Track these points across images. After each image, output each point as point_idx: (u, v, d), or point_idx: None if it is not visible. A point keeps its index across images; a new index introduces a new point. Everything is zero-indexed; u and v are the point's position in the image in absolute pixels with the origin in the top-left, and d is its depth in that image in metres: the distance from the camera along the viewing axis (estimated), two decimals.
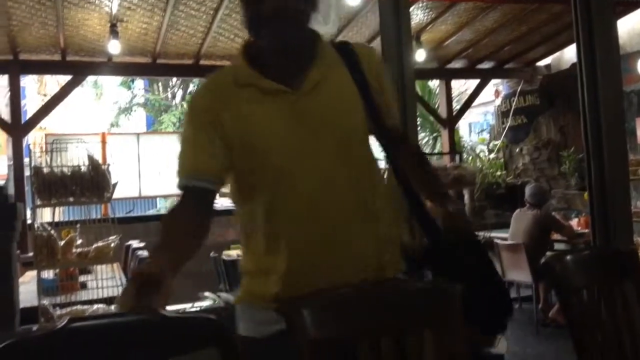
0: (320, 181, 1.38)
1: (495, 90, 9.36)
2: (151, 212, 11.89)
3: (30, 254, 3.97)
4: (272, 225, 1.39)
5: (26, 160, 6.35)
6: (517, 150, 8.87)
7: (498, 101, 9.33)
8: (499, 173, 8.72)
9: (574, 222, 6.42)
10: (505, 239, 5.73)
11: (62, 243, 3.55)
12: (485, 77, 8.52)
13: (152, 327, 1.05)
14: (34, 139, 6.77)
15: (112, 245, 3.60)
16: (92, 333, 1.04)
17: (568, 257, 1.66)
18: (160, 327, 1.08)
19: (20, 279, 3.40)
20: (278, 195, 1.38)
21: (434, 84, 9.90)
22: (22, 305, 3.32)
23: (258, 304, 1.43)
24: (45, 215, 4.20)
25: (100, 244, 3.59)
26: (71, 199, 3.26)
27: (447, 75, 8.30)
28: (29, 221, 4.83)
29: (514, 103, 8.87)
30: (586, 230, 6.02)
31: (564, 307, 1.59)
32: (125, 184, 6.85)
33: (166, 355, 1.07)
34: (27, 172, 5.79)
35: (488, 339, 1.75)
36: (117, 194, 3.96)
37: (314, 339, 1.25)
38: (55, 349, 1.02)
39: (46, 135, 7.19)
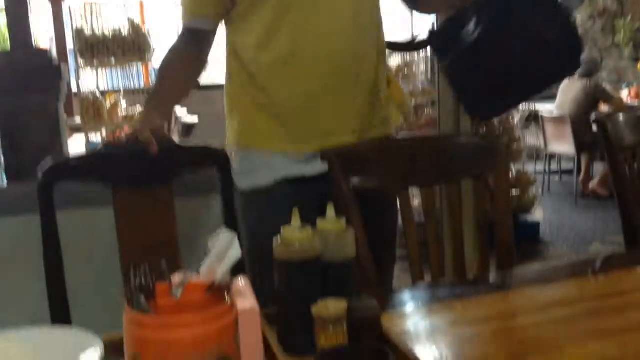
0: (333, 18, 1.37)
1: None
2: None
3: (77, 119, 4.05)
4: (272, 50, 1.37)
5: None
6: None
7: None
8: None
9: (624, 94, 6.20)
10: (551, 111, 5.59)
11: (107, 107, 3.61)
12: None
13: (167, 150, 1.32)
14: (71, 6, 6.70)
15: None
16: (122, 155, 1.33)
17: (620, 116, 1.63)
18: (173, 150, 1.35)
19: (69, 142, 3.49)
20: (284, 15, 1.35)
21: None
22: None
23: (256, 146, 1.43)
24: (89, 83, 4.25)
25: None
26: (113, 60, 3.27)
27: None
28: (74, 89, 4.90)
29: None
30: (636, 102, 5.83)
31: (612, 165, 1.57)
32: (165, 51, 6.79)
33: (180, 170, 1.34)
34: (68, 45, 5.77)
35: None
36: (157, 63, 3.93)
37: (356, 187, 1.27)
38: (94, 166, 1.32)
39: (84, 3, 7.08)
